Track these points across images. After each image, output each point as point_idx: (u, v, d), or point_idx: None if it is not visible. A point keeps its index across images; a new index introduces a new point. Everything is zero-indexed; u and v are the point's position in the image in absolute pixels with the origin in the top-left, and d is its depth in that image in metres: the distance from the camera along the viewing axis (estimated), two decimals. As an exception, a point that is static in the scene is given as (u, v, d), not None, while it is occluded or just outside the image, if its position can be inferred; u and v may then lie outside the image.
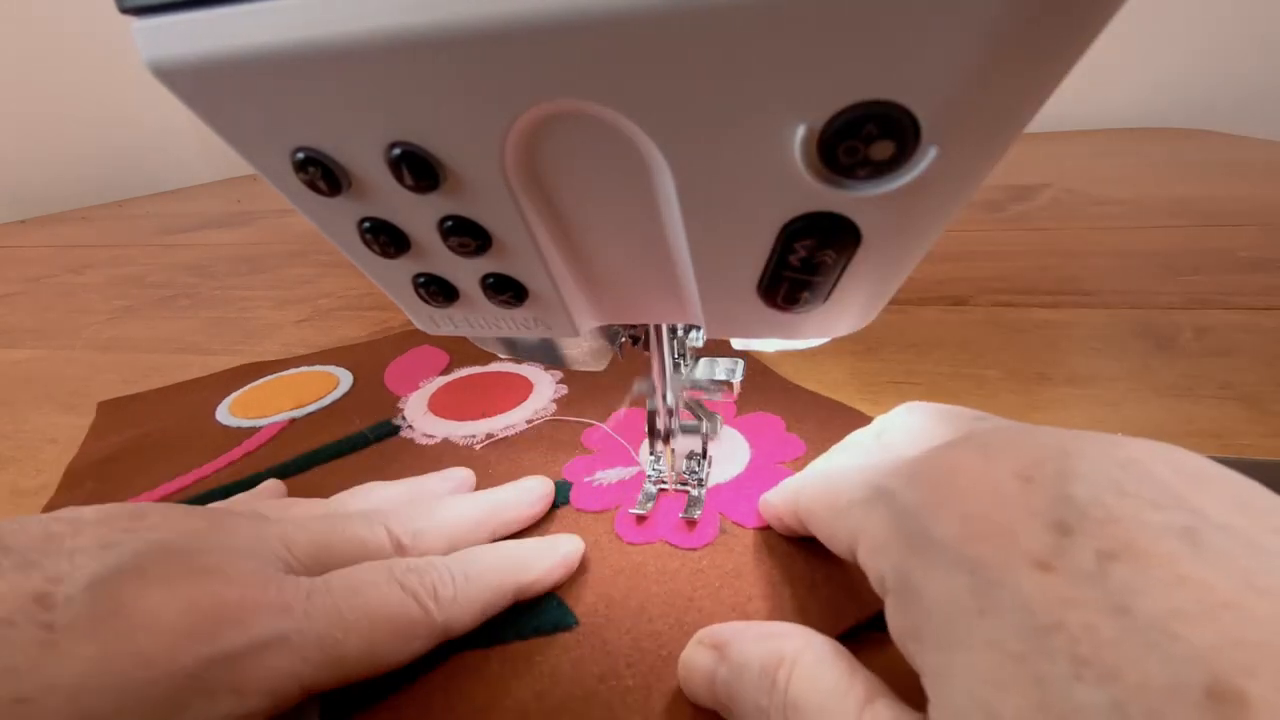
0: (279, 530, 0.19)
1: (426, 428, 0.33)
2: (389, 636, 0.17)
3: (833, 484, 0.18)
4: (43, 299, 0.67)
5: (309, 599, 0.17)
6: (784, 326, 0.16)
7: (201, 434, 0.35)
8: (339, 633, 0.16)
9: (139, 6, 0.11)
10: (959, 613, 0.12)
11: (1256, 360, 0.33)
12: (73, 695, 0.13)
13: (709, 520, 0.24)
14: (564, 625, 0.20)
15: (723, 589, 0.21)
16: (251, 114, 0.12)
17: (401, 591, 0.18)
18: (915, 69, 0.09)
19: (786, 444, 0.29)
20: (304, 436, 0.33)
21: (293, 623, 0.16)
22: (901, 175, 0.11)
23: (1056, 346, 0.37)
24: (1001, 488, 0.13)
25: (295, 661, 0.16)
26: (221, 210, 1.18)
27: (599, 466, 0.28)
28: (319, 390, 0.38)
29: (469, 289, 0.17)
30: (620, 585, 0.21)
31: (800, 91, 0.10)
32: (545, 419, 0.33)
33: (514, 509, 0.24)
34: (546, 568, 0.21)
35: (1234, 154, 0.91)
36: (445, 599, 0.18)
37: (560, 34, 0.10)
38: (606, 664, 0.19)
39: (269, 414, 0.36)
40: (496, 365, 0.40)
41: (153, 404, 0.39)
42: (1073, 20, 0.09)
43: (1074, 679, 0.10)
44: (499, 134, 0.12)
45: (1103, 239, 0.57)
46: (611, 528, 0.24)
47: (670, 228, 0.14)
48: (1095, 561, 0.11)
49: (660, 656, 0.19)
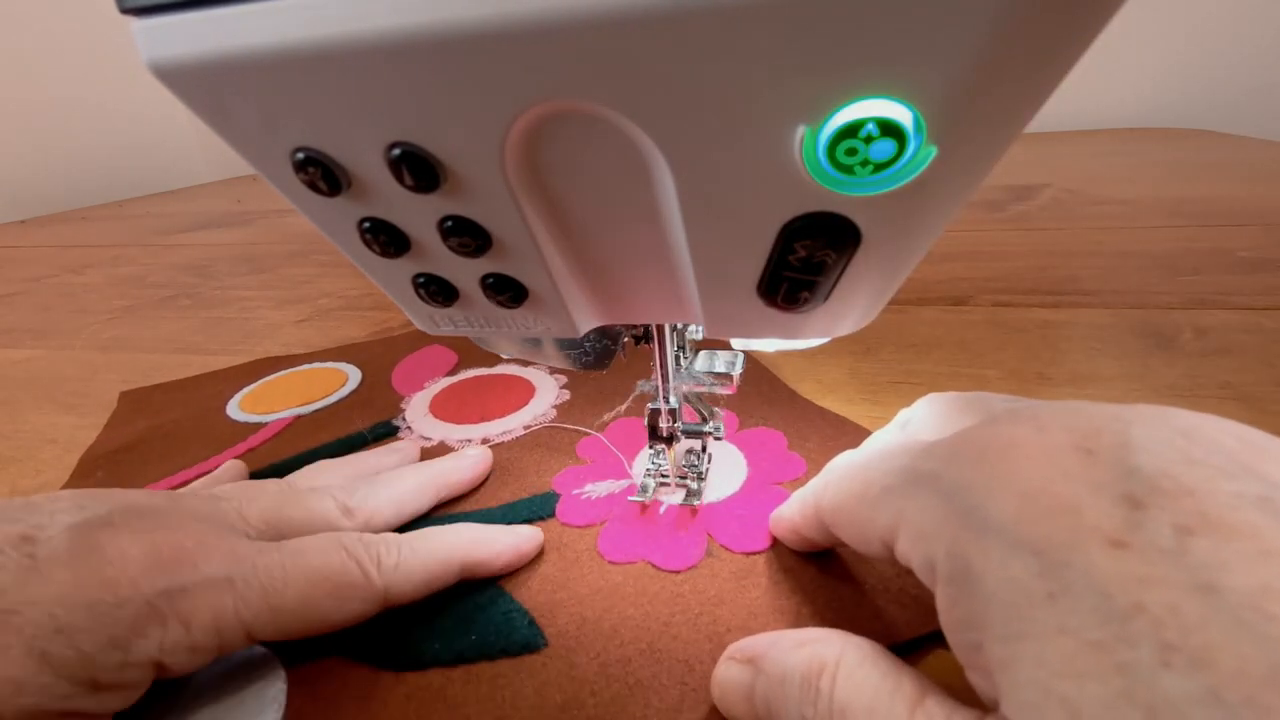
0: (233, 505, 0.21)
1: (424, 429, 0.33)
2: (326, 594, 0.18)
3: (862, 475, 0.17)
4: (43, 299, 0.67)
5: (259, 554, 0.18)
6: (784, 326, 0.16)
7: (211, 428, 0.35)
8: (280, 584, 0.18)
9: (139, 6, 0.11)
10: (1025, 598, 0.11)
11: (1256, 360, 0.33)
12: (50, 609, 0.15)
13: (695, 541, 0.23)
14: (533, 646, 0.19)
15: (701, 616, 0.20)
16: (251, 114, 0.12)
17: (345, 556, 0.19)
18: (915, 69, 0.09)
19: (787, 463, 0.27)
20: (306, 434, 0.34)
21: (239, 569, 0.18)
22: (901, 175, 0.11)
23: (1056, 346, 0.37)
24: (1060, 460, 0.12)
25: (238, 603, 0.17)
26: (221, 210, 1.18)
27: (590, 478, 0.27)
28: (327, 387, 0.39)
29: (469, 289, 0.17)
30: (596, 605, 0.21)
31: (800, 91, 0.10)
32: (543, 425, 0.33)
33: (453, 473, 0.27)
34: (496, 550, 0.22)
35: (1234, 154, 0.91)
36: (387, 566, 0.20)
37: (560, 34, 0.10)
38: (570, 690, 0.18)
39: (276, 410, 0.37)
40: (502, 367, 0.39)
41: (171, 395, 0.40)
42: (1073, 20, 0.09)
43: (1161, 666, 0.09)
44: (499, 134, 0.12)
45: (1103, 239, 0.57)
46: (594, 545, 0.23)
47: (670, 228, 0.14)
48: (1173, 536, 0.10)
49: (626, 685, 0.18)
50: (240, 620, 0.17)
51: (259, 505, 0.21)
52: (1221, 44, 1.17)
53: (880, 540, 0.15)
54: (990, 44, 0.09)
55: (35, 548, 0.16)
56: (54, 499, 0.18)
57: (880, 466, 0.16)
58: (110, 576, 0.16)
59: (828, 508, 0.18)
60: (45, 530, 0.16)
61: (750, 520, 0.24)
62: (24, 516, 0.17)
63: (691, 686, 0.18)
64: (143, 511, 0.18)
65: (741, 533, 0.23)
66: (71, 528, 0.17)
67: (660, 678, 0.18)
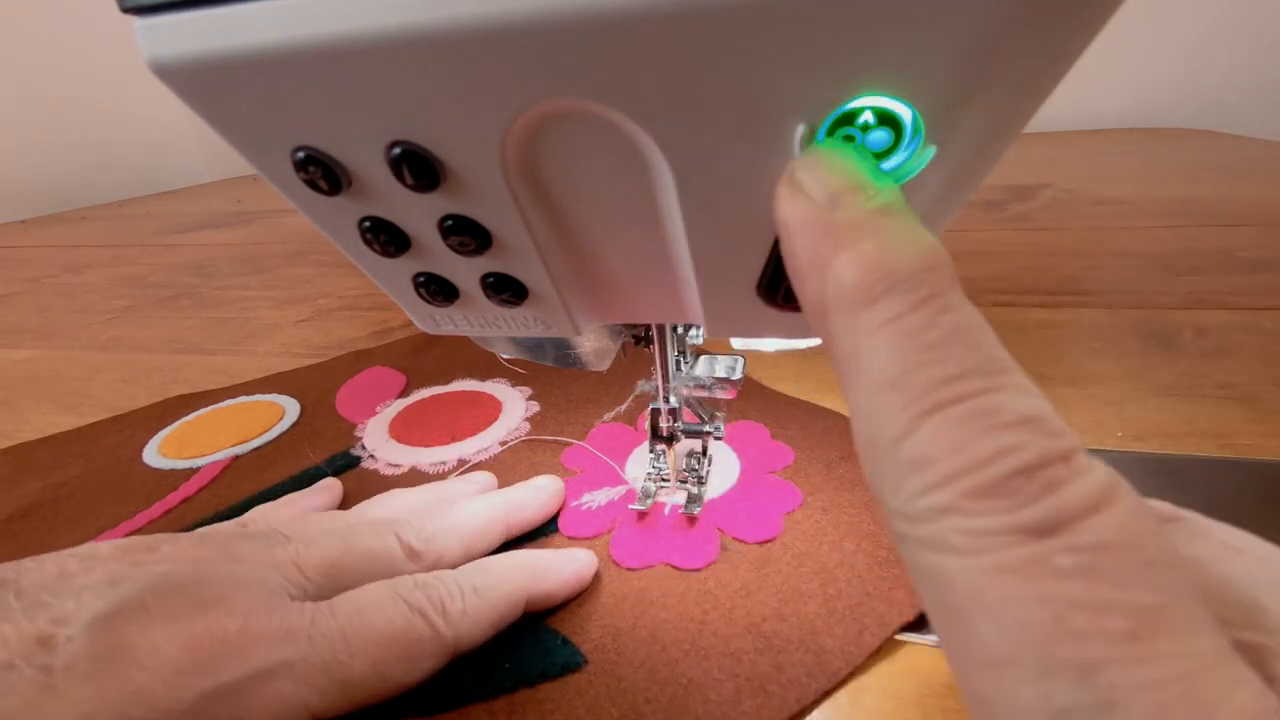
0: (291, 552, 0.19)
1: (390, 456, 0.31)
2: (397, 657, 0.17)
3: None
4: (43, 299, 0.67)
5: (313, 624, 0.17)
6: (784, 326, 0.16)
7: (126, 480, 0.31)
8: (344, 656, 0.16)
9: (140, 6, 0.11)
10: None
11: (1256, 360, 0.33)
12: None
13: (708, 537, 0.23)
14: (573, 665, 0.19)
15: (734, 609, 0.20)
16: (252, 113, 0.12)
17: (408, 610, 0.17)
18: (915, 68, 0.09)
19: (775, 453, 0.28)
20: (251, 475, 0.30)
21: (297, 649, 0.16)
22: (901, 174, 0.11)
23: (1056, 346, 0.37)
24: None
25: (301, 688, 0.16)
26: (221, 210, 1.18)
27: (585, 488, 0.27)
28: (263, 423, 0.35)
29: (469, 288, 0.17)
30: (626, 614, 0.20)
31: (800, 91, 0.10)
32: (520, 439, 0.31)
33: (526, 509, 0.24)
34: (561, 580, 0.21)
35: (1234, 154, 0.91)
36: (454, 614, 0.18)
37: (561, 34, 0.10)
38: (625, 703, 0.17)
39: (207, 452, 0.32)
40: (459, 384, 0.38)
41: (60, 450, 0.35)
42: (1072, 20, 0.09)
43: None
44: (499, 133, 0.12)
45: (1103, 239, 0.57)
46: (607, 553, 0.23)
47: (670, 227, 0.14)
48: None
49: (680, 686, 0.18)
50: (305, 705, 0.16)
51: (320, 551, 0.19)
52: (1221, 44, 1.17)
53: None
54: (990, 44, 0.09)
55: (53, 657, 0.14)
56: (90, 564, 0.16)
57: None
58: (141, 685, 0.14)
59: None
60: (66, 626, 0.14)
61: (756, 510, 0.24)
62: (50, 601, 0.15)
63: (744, 677, 0.18)
64: (181, 585, 0.16)
65: (751, 524, 0.24)
66: (94, 623, 0.15)
67: (711, 674, 0.18)
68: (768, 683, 0.18)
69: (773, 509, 0.24)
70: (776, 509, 0.24)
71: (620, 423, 0.32)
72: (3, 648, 0.14)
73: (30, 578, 0.16)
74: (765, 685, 0.18)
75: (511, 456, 0.30)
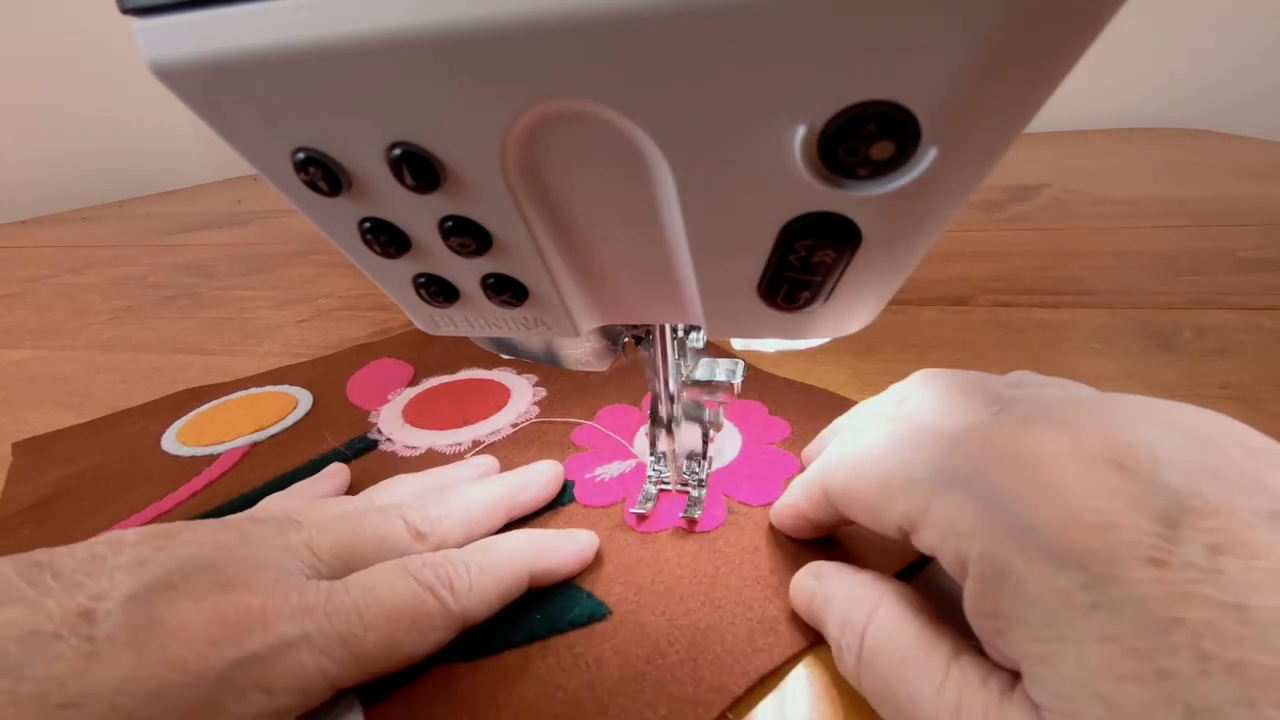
0: (304, 536, 0.20)
1: (407, 439, 0.32)
2: (407, 630, 0.18)
3: (877, 463, 0.18)
4: (43, 299, 0.67)
5: (329, 600, 0.18)
6: (784, 327, 0.16)
7: (148, 466, 0.32)
8: (359, 629, 0.17)
9: (140, 6, 0.11)
10: (1067, 606, 0.12)
11: (1256, 360, 0.33)
12: (113, 699, 0.14)
13: (716, 503, 0.25)
14: (598, 615, 0.20)
15: (743, 565, 0.22)
16: (252, 114, 0.12)
17: (418, 586, 0.19)
18: (915, 69, 0.09)
19: (774, 427, 0.30)
20: (272, 459, 0.32)
21: (314, 623, 0.17)
22: (901, 175, 0.11)
23: (1056, 346, 0.37)
24: (1097, 476, 0.13)
25: (319, 659, 0.17)
26: (221, 210, 1.18)
27: (597, 462, 0.28)
28: (278, 411, 0.36)
29: (469, 289, 0.17)
30: (644, 573, 0.22)
31: (800, 91, 0.10)
32: (530, 421, 0.33)
33: (527, 491, 0.25)
34: (562, 558, 0.22)
35: (1234, 154, 0.91)
36: (461, 590, 0.19)
37: (560, 34, 0.10)
38: (649, 645, 0.19)
39: (227, 439, 0.34)
40: (466, 372, 0.39)
41: (79, 440, 0.36)
42: (1073, 20, 0.09)
43: (1200, 674, 0.11)
44: (499, 134, 0.12)
45: (1103, 239, 0.57)
46: (622, 520, 0.25)
47: (670, 228, 0.14)
48: (1205, 556, 0.11)
49: (699, 629, 0.19)
50: (324, 675, 0.17)
51: (331, 536, 0.20)
52: (1221, 44, 1.17)
53: (897, 526, 0.17)
54: (990, 44, 0.09)
55: (94, 628, 0.15)
56: (117, 548, 0.17)
57: (900, 456, 0.17)
58: (176, 654, 0.15)
59: (838, 490, 0.19)
60: (104, 601, 0.15)
61: (759, 477, 0.26)
62: (85, 580, 0.16)
63: (756, 620, 0.20)
64: (205, 565, 0.17)
65: (755, 489, 0.26)
66: (129, 599, 0.16)
67: (726, 619, 0.20)
68: (778, 624, 0.20)
69: (774, 475, 0.26)
70: (777, 475, 0.26)
71: (628, 405, 0.33)
72: (48, 620, 0.15)
73: (63, 561, 0.17)
74: (776, 626, 0.19)
75: (524, 436, 0.32)
